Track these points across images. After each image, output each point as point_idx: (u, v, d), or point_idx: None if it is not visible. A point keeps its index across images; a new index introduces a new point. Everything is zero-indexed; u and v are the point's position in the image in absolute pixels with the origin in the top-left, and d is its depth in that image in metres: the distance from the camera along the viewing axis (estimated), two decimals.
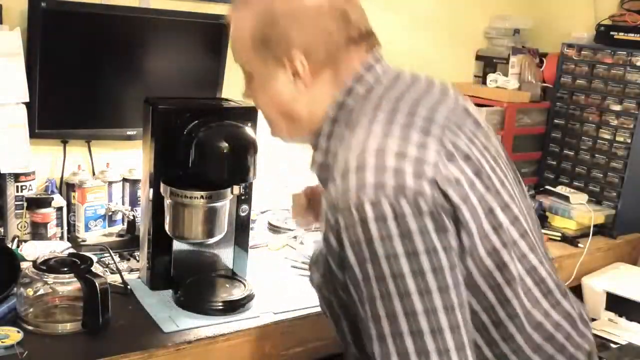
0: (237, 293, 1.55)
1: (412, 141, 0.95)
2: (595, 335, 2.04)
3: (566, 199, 2.29)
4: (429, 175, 0.92)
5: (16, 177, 1.70)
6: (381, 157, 0.92)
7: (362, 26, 1.11)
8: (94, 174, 1.93)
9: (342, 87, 1.07)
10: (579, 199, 2.29)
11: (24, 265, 1.50)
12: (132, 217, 1.84)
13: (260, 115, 1.59)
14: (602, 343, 1.95)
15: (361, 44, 1.10)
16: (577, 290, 2.10)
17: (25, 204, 1.70)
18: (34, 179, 1.74)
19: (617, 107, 2.30)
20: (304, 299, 1.59)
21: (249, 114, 1.58)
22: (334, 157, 1.02)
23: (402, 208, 0.89)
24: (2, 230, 1.71)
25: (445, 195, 0.92)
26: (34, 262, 1.43)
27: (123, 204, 1.92)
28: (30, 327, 1.34)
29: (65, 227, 1.79)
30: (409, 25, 2.53)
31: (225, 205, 1.52)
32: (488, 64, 2.72)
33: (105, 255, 1.69)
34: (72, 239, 1.79)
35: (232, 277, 1.64)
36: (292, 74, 1.07)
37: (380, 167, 0.91)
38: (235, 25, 1.12)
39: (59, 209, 1.75)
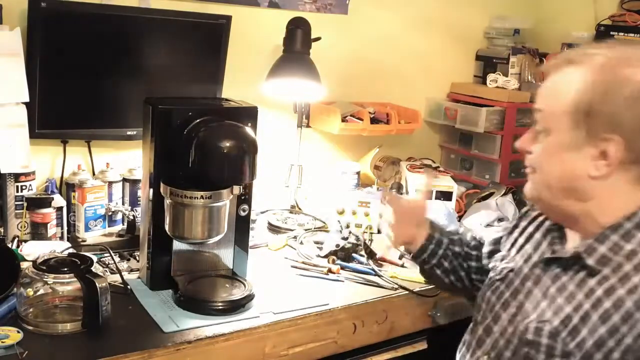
0: (237, 293, 1.55)
1: None
2: None
3: None
4: None
5: (16, 177, 1.69)
6: None
7: None
8: (94, 174, 1.93)
9: None
10: None
11: (24, 265, 1.50)
12: (132, 217, 1.84)
13: (260, 115, 1.61)
14: None
15: None
16: None
17: (25, 204, 1.70)
18: (34, 179, 1.74)
19: None
20: (304, 299, 1.59)
21: (249, 114, 1.59)
22: (636, 263, 1.02)
23: None
24: (2, 230, 1.71)
25: None
26: (34, 262, 1.43)
27: (123, 204, 1.92)
28: (30, 327, 1.34)
29: (65, 227, 1.79)
30: (409, 25, 2.53)
31: (225, 205, 1.52)
32: (488, 64, 2.72)
33: (105, 255, 1.69)
34: (72, 239, 1.79)
35: (232, 277, 1.64)
36: (599, 155, 1.03)
37: None
38: (561, 79, 1.07)
39: (59, 209, 1.75)
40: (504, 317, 1.19)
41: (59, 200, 1.75)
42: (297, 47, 2.03)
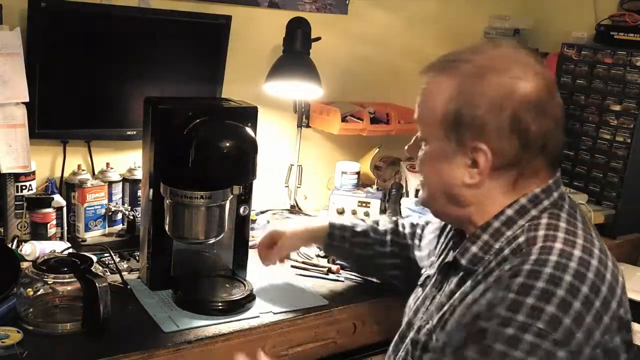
0: (237, 293, 1.55)
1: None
2: None
3: None
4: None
5: (16, 177, 1.69)
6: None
7: (559, 137, 1.06)
8: (94, 174, 1.93)
9: (527, 193, 1.06)
10: (579, 199, 2.29)
11: (24, 265, 1.50)
12: (132, 217, 1.84)
13: (260, 115, 1.61)
14: None
15: (549, 157, 1.07)
16: None
17: (25, 204, 1.70)
18: (34, 179, 1.74)
19: (617, 107, 2.30)
20: (304, 299, 1.59)
21: (249, 114, 1.59)
22: (499, 260, 1.03)
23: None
24: (2, 230, 1.71)
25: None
26: (34, 262, 1.43)
27: (123, 204, 1.92)
28: (30, 327, 1.34)
29: (65, 227, 1.78)
30: (409, 25, 2.53)
31: (225, 205, 1.52)
32: None
33: (105, 255, 1.69)
34: (72, 239, 1.78)
35: (232, 277, 1.64)
36: (471, 163, 1.05)
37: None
38: (431, 89, 1.09)
39: (59, 209, 1.75)
40: (414, 322, 1.22)
41: (59, 200, 1.75)
42: (297, 47, 2.03)
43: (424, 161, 1.13)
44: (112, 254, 1.66)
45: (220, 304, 1.50)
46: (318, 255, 1.86)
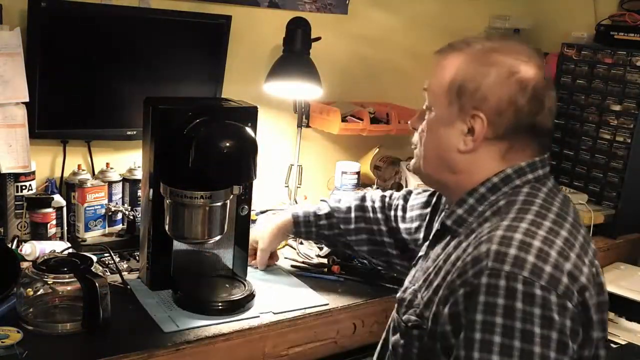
0: (237, 293, 1.55)
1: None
2: None
3: None
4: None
5: (16, 177, 1.70)
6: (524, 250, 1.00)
7: (547, 123, 1.16)
8: (94, 174, 1.93)
9: (514, 165, 1.15)
10: (579, 199, 2.29)
11: (24, 265, 1.50)
12: (132, 217, 1.84)
13: (260, 115, 1.61)
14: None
15: (538, 138, 1.16)
16: None
17: (25, 204, 1.70)
18: (34, 179, 1.74)
19: (617, 107, 2.30)
20: (304, 298, 1.59)
21: (249, 114, 1.59)
22: (480, 221, 1.12)
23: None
24: (2, 230, 1.71)
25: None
26: (34, 262, 1.43)
27: (123, 204, 1.92)
28: (30, 327, 1.34)
29: (65, 227, 1.79)
30: (409, 25, 2.53)
31: (225, 205, 1.52)
32: None
33: (105, 255, 1.69)
34: (72, 239, 1.79)
35: (232, 277, 1.64)
36: (468, 130, 1.14)
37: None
38: (443, 63, 1.21)
39: (59, 209, 1.75)
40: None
41: (59, 200, 1.75)
42: (297, 47, 2.03)
43: (427, 127, 1.22)
44: (112, 254, 1.66)
45: (220, 304, 1.50)
46: (318, 255, 1.86)
